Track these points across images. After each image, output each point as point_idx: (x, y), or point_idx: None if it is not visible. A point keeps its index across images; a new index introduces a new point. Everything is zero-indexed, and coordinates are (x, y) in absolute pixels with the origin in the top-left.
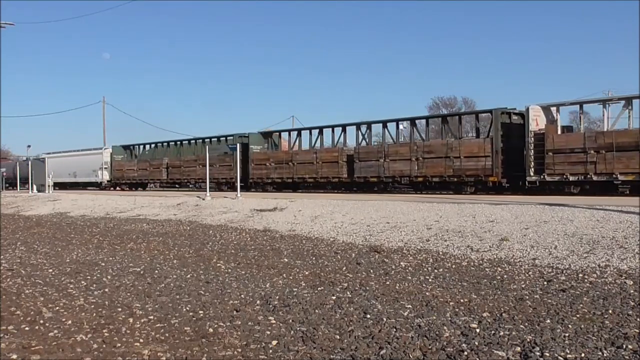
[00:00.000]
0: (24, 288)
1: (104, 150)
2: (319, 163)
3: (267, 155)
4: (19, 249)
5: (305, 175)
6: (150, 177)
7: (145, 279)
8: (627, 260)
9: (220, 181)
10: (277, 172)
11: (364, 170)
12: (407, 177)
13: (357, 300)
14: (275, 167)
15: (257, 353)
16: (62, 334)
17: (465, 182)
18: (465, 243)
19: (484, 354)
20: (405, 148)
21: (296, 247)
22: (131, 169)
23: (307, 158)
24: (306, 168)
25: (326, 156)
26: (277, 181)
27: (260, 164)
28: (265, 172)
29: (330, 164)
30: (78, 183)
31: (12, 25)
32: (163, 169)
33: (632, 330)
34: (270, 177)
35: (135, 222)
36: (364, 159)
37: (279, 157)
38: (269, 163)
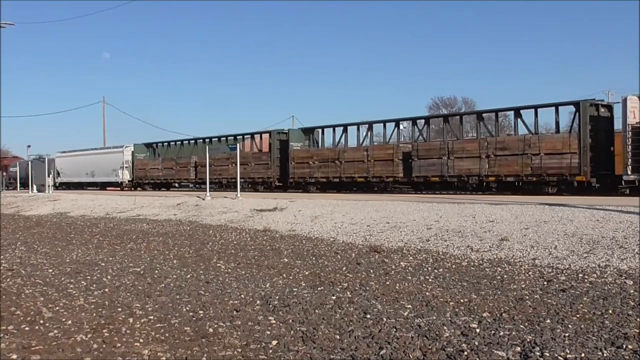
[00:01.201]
0: (24, 288)
1: (124, 148)
2: (370, 161)
3: (310, 153)
4: (19, 249)
5: (354, 175)
6: (177, 176)
7: (145, 279)
8: (627, 260)
9: (256, 181)
10: (321, 171)
11: (424, 168)
12: (476, 176)
13: (357, 300)
14: (319, 165)
15: (257, 353)
16: (62, 334)
17: (546, 181)
18: (465, 243)
19: (484, 354)
20: (474, 144)
21: (296, 247)
22: (155, 168)
23: (356, 156)
24: (355, 167)
25: (379, 153)
26: (321, 181)
27: (302, 162)
28: (307, 171)
29: (383, 162)
30: (96, 183)
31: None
32: (191, 168)
33: (632, 330)
34: (314, 177)
35: (135, 222)
36: (424, 157)
37: (324, 155)
38: (312, 161)
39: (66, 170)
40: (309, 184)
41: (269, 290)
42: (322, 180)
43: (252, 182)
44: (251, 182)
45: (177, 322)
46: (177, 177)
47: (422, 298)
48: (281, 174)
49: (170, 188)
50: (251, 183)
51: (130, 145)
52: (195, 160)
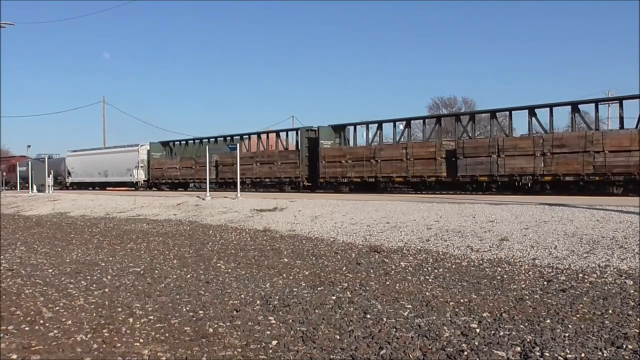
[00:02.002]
0: (24, 288)
1: (140, 147)
2: (409, 160)
3: (343, 151)
4: (19, 249)
5: (392, 174)
6: (197, 176)
7: (145, 279)
8: (627, 260)
9: (283, 180)
10: (355, 171)
11: (471, 167)
12: (530, 175)
13: (357, 300)
14: (352, 164)
15: (257, 353)
16: (62, 334)
17: (612, 181)
18: (465, 243)
19: (484, 354)
20: (527, 141)
21: (296, 247)
22: (173, 168)
23: (394, 154)
24: (393, 165)
25: (420, 151)
26: (355, 180)
27: (334, 161)
28: (340, 171)
29: (425, 160)
30: (109, 183)
31: (12, 25)
32: (211, 167)
33: (632, 330)
34: (347, 176)
35: (135, 222)
36: (471, 155)
37: (358, 154)
38: (344, 160)
39: (77, 169)
40: (341, 184)
41: (269, 290)
42: (356, 180)
43: (278, 182)
44: (277, 182)
45: (177, 322)
46: (196, 176)
47: (422, 298)
48: (310, 173)
49: (187, 188)
50: (277, 183)
51: (146, 144)
52: (216, 159)
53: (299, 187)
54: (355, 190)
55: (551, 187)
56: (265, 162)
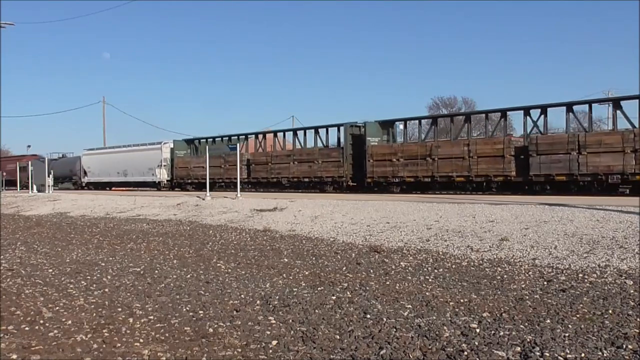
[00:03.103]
0: (24, 288)
1: (163, 145)
2: (472, 158)
3: (394, 148)
4: (19, 249)
5: (451, 173)
6: (226, 175)
7: (145, 279)
8: (627, 260)
9: (324, 180)
10: (407, 170)
11: (546, 166)
12: (618, 174)
13: (357, 300)
14: (405, 163)
15: (257, 353)
16: (62, 334)
17: None
18: (465, 243)
19: (484, 354)
20: (615, 136)
21: (296, 247)
22: (199, 167)
23: (454, 151)
24: (453, 164)
25: (484, 149)
26: (408, 180)
27: (383, 159)
28: (390, 170)
29: (491, 158)
30: (129, 183)
31: (12, 25)
32: (243, 166)
33: (632, 330)
34: (398, 176)
35: (135, 222)
36: (546, 152)
37: (412, 151)
38: (395, 159)
39: (94, 169)
40: (391, 185)
41: (269, 290)
42: (409, 180)
43: (319, 182)
44: (318, 182)
45: (177, 322)
46: (225, 176)
47: (422, 298)
48: (354, 172)
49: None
50: (318, 183)
51: (169, 142)
52: (247, 158)
53: (343, 188)
54: (407, 190)
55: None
56: (304, 161)
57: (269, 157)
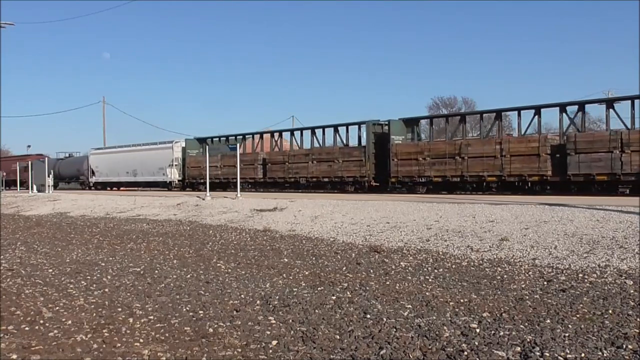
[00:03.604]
0: (24, 288)
1: (174, 144)
2: (505, 156)
3: (420, 147)
4: (19, 249)
5: (482, 173)
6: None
7: (145, 279)
8: (627, 260)
9: (345, 180)
10: (435, 169)
11: (586, 165)
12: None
13: (357, 300)
14: (432, 162)
15: (257, 353)
16: (62, 334)
17: None
18: (465, 243)
19: (484, 354)
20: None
21: (296, 247)
22: (213, 166)
23: (485, 150)
24: (484, 163)
25: (518, 147)
26: (435, 180)
27: (409, 158)
28: (416, 169)
29: (525, 157)
30: (138, 183)
31: (12, 25)
32: (258, 166)
33: (632, 330)
34: (424, 175)
35: (135, 222)
36: (585, 150)
37: (439, 150)
38: (421, 157)
39: (102, 168)
40: (417, 184)
41: (269, 290)
42: (437, 180)
43: (339, 181)
44: (339, 181)
45: (177, 322)
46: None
47: (422, 298)
48: (377, 172)
49: (227, 188)
50: (339, 183)
51: (181, 141)
52: (263, 157)
53: (365, 188)
54: (434, 191)
55: None
56: (323, 160)
57: (286, 156)
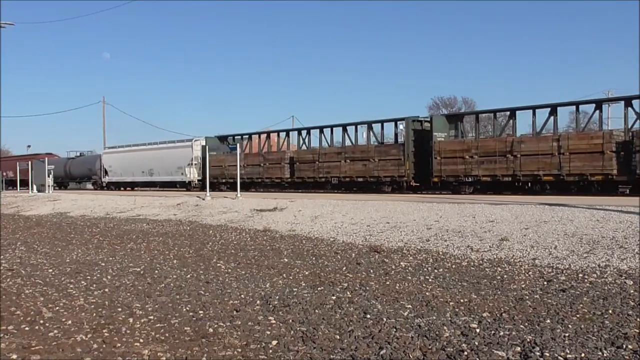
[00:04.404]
0: (24, 288)
1: (193, 142)
2: (564, 154)
3: (466, 145)
4: (19, 249)
5: (537, 172)
6: (266, 175)
7: (145, 279)
8: (627, 260)
9: (382, 180)
10: (483, 168)
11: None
12: None
13: (357, 300)
14: (480, 160)
15: (257, 353)
16: (62, 334)
17: None
18: (465, 243)
19: (484, 354)
20: None
21: (296, 247)
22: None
23: (541, 147)
24: (540, 161)
25: (579, 144)
26: (484, 180)
27: (453, 157)
28: (461, 169)
29: (587, 155)
30: (154, 182)
31: (12, 25)
32: (285, 165)
33: (632, 330)
34: (471, 175)
35: (135, 222)
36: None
37: (488, 147)
38: (468, 155)
39: (116, 168)
40: (463, 184)
41: (269, 290)
42: (485, 180)
43: (375, 182)
44: (374, 182)
45: (177, 322)
46: (265, 175)
47: (422, 298)
48: (417, 171)
49: (249, 188)
50: (374, 183)
51: (201, 139)
52: (290, 156)
53: (403, 188)
54: (482, 191)
55: None
56: (357, 159)
57: (316, 154)
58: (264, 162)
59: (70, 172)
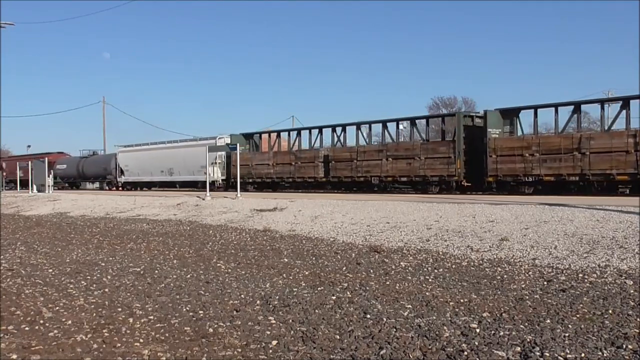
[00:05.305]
0: (24, 288)
1: (217, 140)
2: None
3: (526, 142)
4: (19, 249)
5: (609, 171)
6: (298, 174)
7: (145, 279)
8: (627, 260)
9: (430, 180)
10: (546, 167)
11: None
12: None
13: (357, 300)
14: (542, 158)
15: (257, 353)
16: (62, 334)
17: None
18: (465, 243)
19: (484, 354)
20: None
21: (296, 247)
22: (263, 164)
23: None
24: (613, 159)
25: None
26: (547, 179)
27: (511, 154)
28: (520, 167)
29: None
30: (174, 182)
31: (12, 25)
32: (319, 163)
33: (632, 330)
34: (532, 174)
35: (135, 222)
36: None
37: (552, 144)
38: (528, 153)
39: (133, 167)
40: (522, 184)
41: (269, 290)
42: (548, 179)
43: (421, 181)
44: (420, 181)
45: (177, 322)
46: (297, 175)
47: (422, 298)
48: (468, 170)
49: (276, 189)
50: (420, 183)
51: (226, 136)
52: (325, 154)
53: (452, 189)
54: (543, 192)
55: None
56: (400, 157)
57: (354, 152)
58: (296, 160)
59: (83, 172)
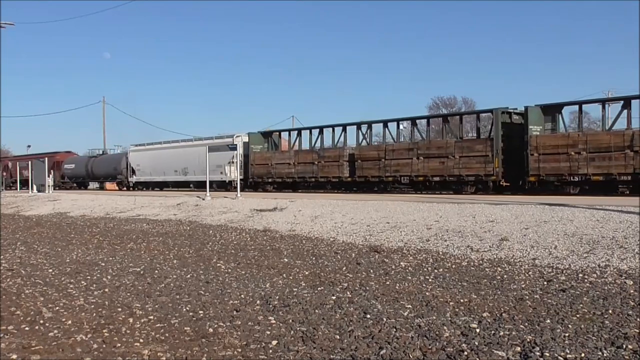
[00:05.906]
0: (24, 288)
1: (234, 139)
2: None
3: (571, 139)
4: (19, 249)
5: None
6: (320, 174)
7: (145, 279)
8: (627, 260)
9: (465, 179)
10: (594, 166)
11: None
12: None
13: (357, 300)
14: (590, 157)
15: (257, 353)
16: (62, 334)
17: None
18: (465, 243)
19: (484, 354)
20: None
21: (296, 247)
22: (284, 163)
23: None
24: None
25: None
26: (595, 179)
27: (555, 152)
28: (565, 166)
29: None
30: (189, 182)
31: (12, 25)
32: (344, 162)
33: (632, 330)
34: (579, 173)
35: (135, 222)
36: None
37: (600, 142)
38: (574, 151)
39: (145, 167)
40: (567, 184)
41: (269, 290)
42: (596, 179)
43: (455, 181)
44: (454, 181)
45: (177, 322)
46: (319, 174)
47: (422, 298)
48: (506, 169)
49: (297, 189)
50: (454, 183)
51: (243, 135)
52: (350, 153)
53: (489, 189)
54: (589, 192)
55: None
56: (433, 156)
57: (382, 151)
58: (319, 159)
59: (92, 172)
